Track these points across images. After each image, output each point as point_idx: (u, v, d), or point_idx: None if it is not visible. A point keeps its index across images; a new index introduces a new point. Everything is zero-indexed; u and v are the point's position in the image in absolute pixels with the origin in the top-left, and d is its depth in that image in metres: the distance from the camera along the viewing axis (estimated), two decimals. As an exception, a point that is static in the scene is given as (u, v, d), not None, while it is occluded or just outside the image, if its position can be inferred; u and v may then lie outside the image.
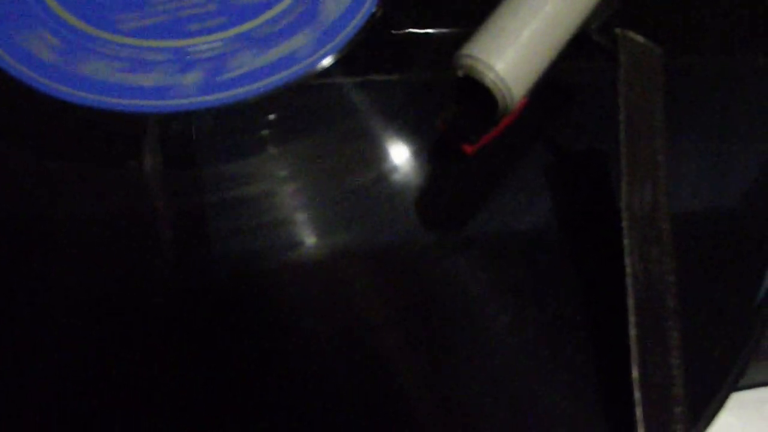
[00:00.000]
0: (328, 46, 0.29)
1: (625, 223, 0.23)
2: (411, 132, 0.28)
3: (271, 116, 0.29)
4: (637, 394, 0.22)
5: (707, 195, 0.27)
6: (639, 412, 0.22)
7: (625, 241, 0.23)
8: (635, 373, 0.22)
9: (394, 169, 0.28)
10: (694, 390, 0.23)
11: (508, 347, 0.25)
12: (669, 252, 0.24)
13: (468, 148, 0.27)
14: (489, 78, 0.25)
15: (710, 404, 0.25)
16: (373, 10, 0.30)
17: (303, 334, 0.25)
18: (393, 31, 0.30)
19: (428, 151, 0.28)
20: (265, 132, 0.28)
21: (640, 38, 0.25)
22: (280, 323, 0.25)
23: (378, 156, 0.28)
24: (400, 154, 0.28)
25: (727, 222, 0.27)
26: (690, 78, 0.29)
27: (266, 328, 0.25)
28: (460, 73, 0.25)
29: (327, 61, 0.29)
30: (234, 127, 0.28)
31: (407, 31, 0.30)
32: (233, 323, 0.25)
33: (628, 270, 0.23)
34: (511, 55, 0.25)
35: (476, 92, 0.25)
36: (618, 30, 0.25)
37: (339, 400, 0.24)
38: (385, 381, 0.25)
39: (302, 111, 0.29)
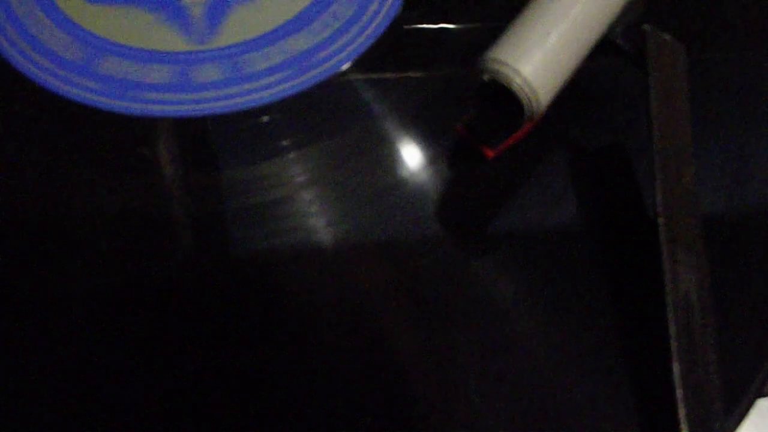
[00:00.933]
0: (348, 50, 0.29)
1: (661, 220, 0.23)
2: (431, 134, 0.28)
3: (265, 118, 0.28)
4: (679, 392, 0.22)
5: (737, 194, 0.27)
6: (682, 409, 0.22)
7: (662, 238, 0.23)
8: (676, 369, 0.22)
9: (415, 172, 0.28)
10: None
11: (535, 350, 0.25)
12: (702, 249, 0.24)
13: (489, 152, 0.27)
14: (516, 83, 0.24)
15: (736, 410, 0.25)
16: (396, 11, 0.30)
17: (323, 335, 0.25)
18: (405, 26, 0.29)
19: (448, 155, 0.27)
20: (282, 135, 0.28)
21: (666, 36, 0.25)
22: (300, 323, 0.25)
23: (398, 159, 0.28)
24: (420, 157, 0.28)
25: (756, 224, 0.27)
26: (711, 79, 0.29)
27: (286, 329, 0.25)
28: (485, 78, 0.25)
29: (346, 65, 0.29)
30: (250, 129, 0.28)
31: (419, 26, 0.30)
32: (251, 323, 0.25)
33: (666, 267, 0.23)
34: (539, 59, 0.25)
35: (499, 96, 0.25)
36: (646, 27, 0.25)
37: (357, 401, 0.24)
38: (407, 384, 0.24)
39: (319, 112, 0.29)
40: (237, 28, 0.30)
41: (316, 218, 0.27)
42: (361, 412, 0.24)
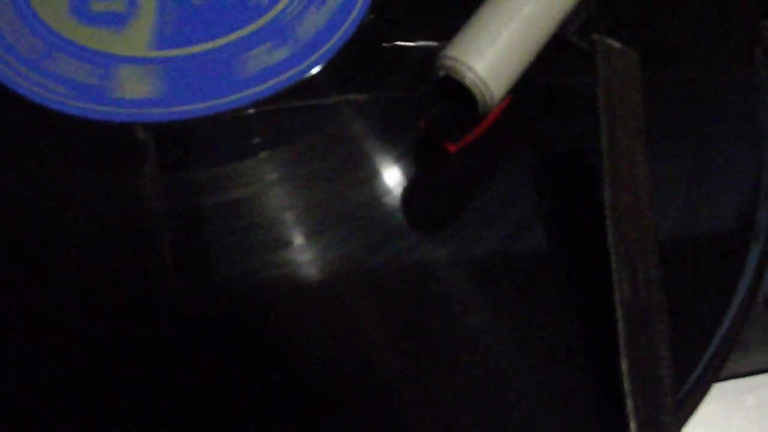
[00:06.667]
0: (313, 57, 0.30)
1: (609, 222, 0.24)
2: (396, 135, 0.28)
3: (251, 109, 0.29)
4: (627, 386, 0.22)
5: (687, 196, 0.27)
6: (630, 403, 0.22)
7: (610, 239, 0.23)
8: (624, 365, 0.23)
9: (379, 170, 0.28)
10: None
11: (494, 346, 0.25)
12: (653, 249, 0.24)
13: (451, 147, 0.27)
14: (469, 78, 0.25)
15: (692, 395, 0.25)
16: (361, 20, 0.30)
17: (294, 334, 0.26)
18: (385, 44, 0.30)
19: (411, 151, 0.28)
20: (255, 140, 0.28)
21: (616, 44, 0.25)
22: (272, 315, 0.26)
23: (363, 159, 0.28)
24: (385, 157, 0.28)
25: (707, 222, 0.27)
26: (665, 83, 0.29)
27: (260, 323, 0.25)
28: (441, 74, 0.25)
29: (314, 71, 0.30)
30: (222, 135, 0.29)
31: (396, 43, 0.30)
32: (235, 326, 0.25)
33: (614, 266, 0.23)
34: (491, 55, 0.25)
35: (458, 92, 0.25)
36: (595, 36, 0.25)
37: (327, 401, 0.24)
38: (368, 379, 0.25)
39: (288, 120, 0.29)
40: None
41: (284, 217, 0.27)
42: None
